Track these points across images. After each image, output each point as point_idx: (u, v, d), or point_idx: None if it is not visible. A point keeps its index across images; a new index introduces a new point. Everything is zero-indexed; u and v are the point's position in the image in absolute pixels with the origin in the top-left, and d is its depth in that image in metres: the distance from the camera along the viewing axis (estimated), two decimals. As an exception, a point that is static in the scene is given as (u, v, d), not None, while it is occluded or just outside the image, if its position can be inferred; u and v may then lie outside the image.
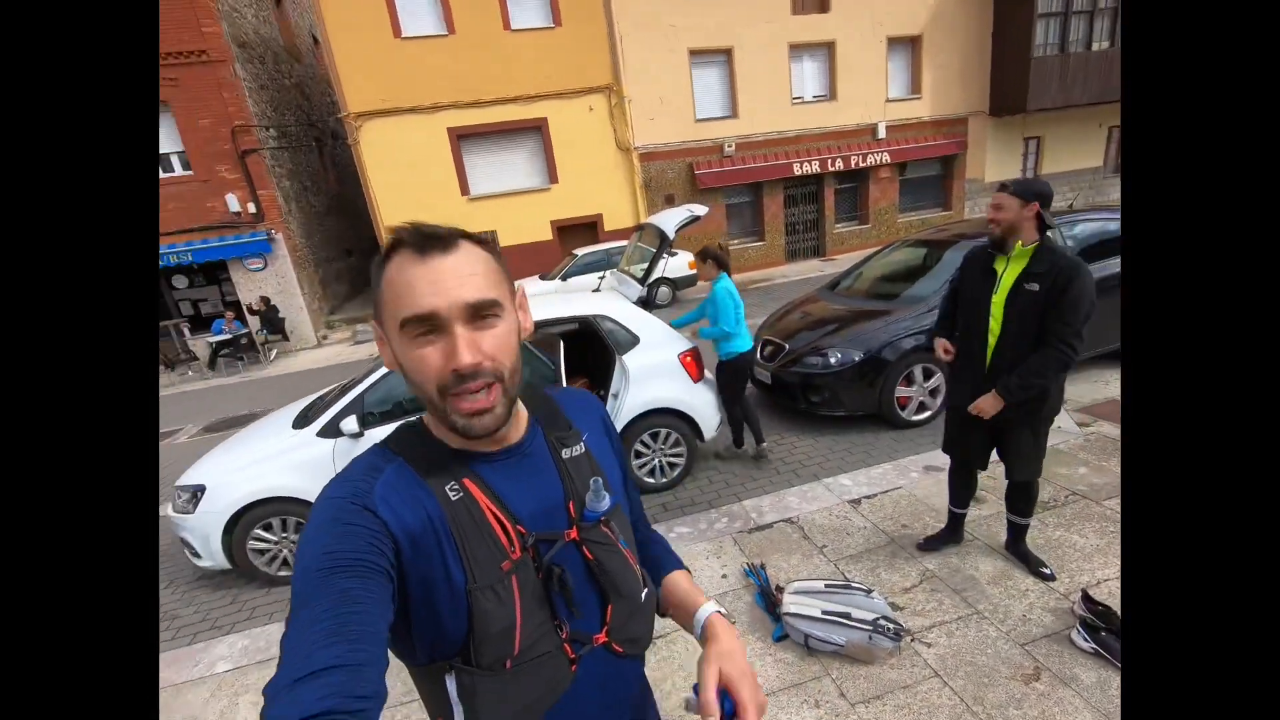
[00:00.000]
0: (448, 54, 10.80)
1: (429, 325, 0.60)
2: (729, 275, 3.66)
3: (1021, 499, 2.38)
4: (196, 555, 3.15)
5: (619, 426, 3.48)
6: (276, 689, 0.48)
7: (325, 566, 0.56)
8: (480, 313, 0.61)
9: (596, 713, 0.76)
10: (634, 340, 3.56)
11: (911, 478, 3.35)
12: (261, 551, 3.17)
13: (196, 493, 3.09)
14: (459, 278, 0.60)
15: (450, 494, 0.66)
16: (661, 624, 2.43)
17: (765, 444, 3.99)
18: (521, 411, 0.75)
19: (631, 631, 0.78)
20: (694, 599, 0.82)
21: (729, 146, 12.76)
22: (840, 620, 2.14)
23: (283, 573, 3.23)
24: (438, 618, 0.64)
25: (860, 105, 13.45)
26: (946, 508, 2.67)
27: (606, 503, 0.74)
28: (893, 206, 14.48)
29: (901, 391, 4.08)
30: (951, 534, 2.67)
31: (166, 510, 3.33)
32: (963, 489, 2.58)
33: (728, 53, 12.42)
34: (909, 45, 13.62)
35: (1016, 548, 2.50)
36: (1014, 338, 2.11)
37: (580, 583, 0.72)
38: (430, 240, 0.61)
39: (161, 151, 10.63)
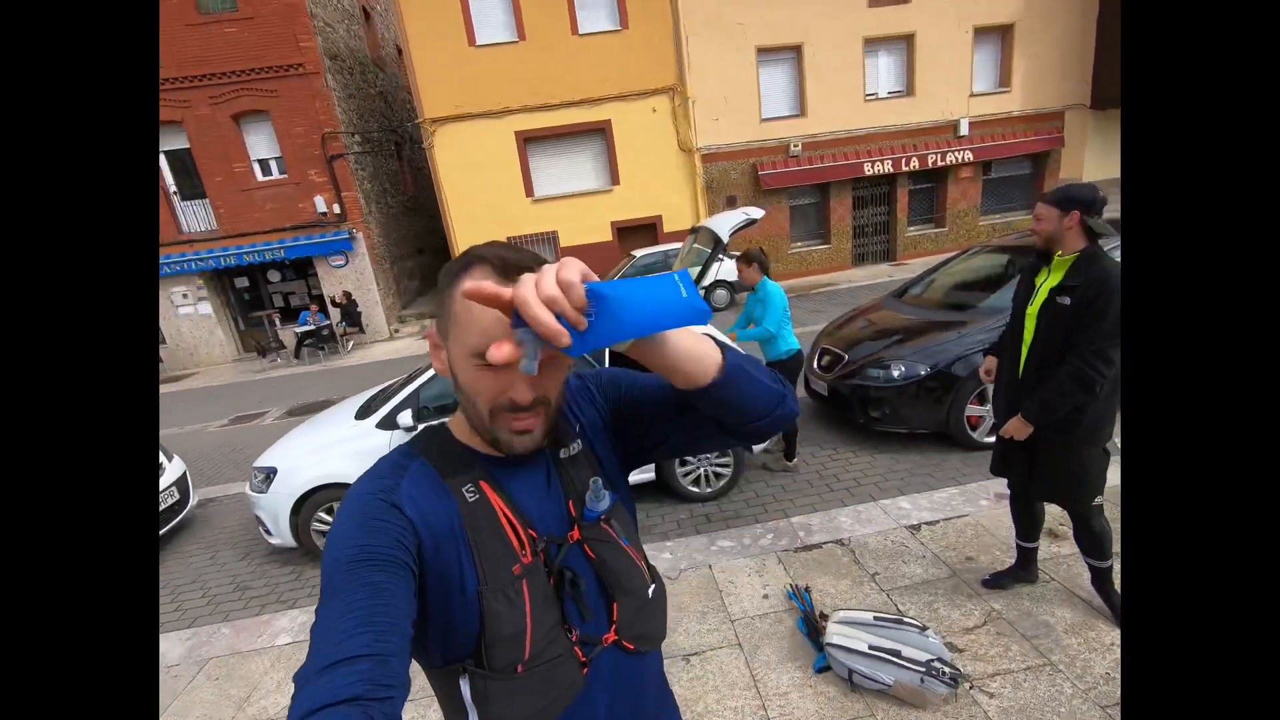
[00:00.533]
0: (517, 60, 11.15)
1: None
2: (770, 278, 3.65)
3: (1083, 535, 2.13)
4: (268, 532, 3.40)
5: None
6: (306, 675, 0.50)
7: (355, 559, 0.57)
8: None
9: (610, 713, 0.76)
10: (683, 345, 3.49)
11: (980, 505, 3.07)
12: (323, 533, 3.37)
13: (270, 474, 3.33)
14: None
15: (467, 495, 0.67)
16: (696, 641, 2.36)
17: (795, 460, 3.91)
18: None
19: (640, 628, 0.77)
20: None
21: (795, 146, 12.37)
22: (889, 658, 1.98)
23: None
24: (451, 618, 0.65)
25: (941, 100, 12.64)
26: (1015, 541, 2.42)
27: (606, 501, 0.74)
28: (974, 208, 13.51)
29: (973, 410, 3.76)
30: (1022, 571, 2.42)
31: (245, 489, 3.61)
32: (1025, 519, 2.34)
33: (797, 49, 12.04)
34: (998, 35, 12.65)
35: (1102, 591, 2.22)
36: (1040, 353, 2.00)
37: (588, 583, 0.73)
38: (513, 270, 0.61)
39: (262, 157, 11.67)
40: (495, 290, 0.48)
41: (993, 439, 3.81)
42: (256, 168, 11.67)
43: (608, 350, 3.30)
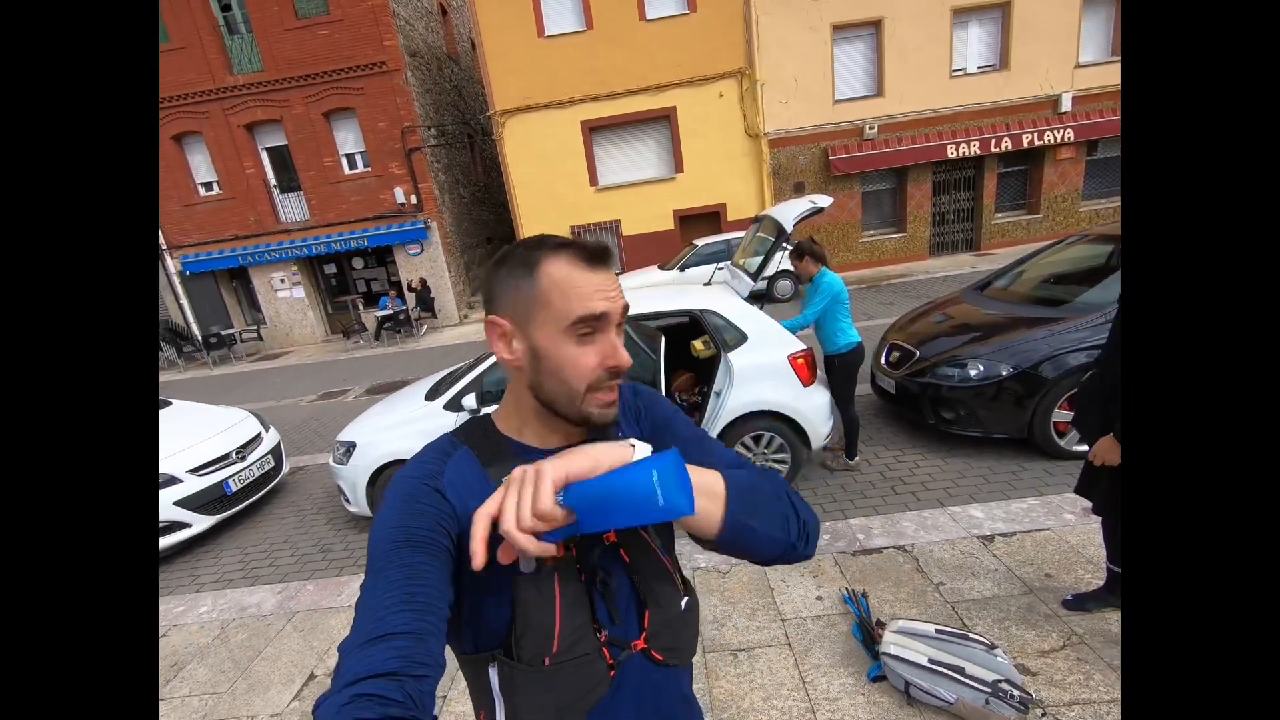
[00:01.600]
0: (585, 49, 11.23)
1: (593, 326, 0.66)
2: (828, 268, 3.54)
3: None
4: (348, 501, 3.69)
5: (718, 427, 3.39)
6: (349, 648, 0.53)
7: (397, 540, 0.61)
8: (622, 321, 0.70)
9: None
10: (742, 338, 3.43)
11: (1065, 519, 2.82)
12: (395, 505, 3.61)
13: (350, 448, 3.60)
14: (618, 289, 0.69)
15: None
16: (745, 637, 2.33)
17: (856, 460, 3.77)
18: None
19: (670, 640, 0.77)
20: None
21: (871, 128, 11.71)
22: (951, 674, 1.87)
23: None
24: (484, 605, 0.67)
25: (1039, 74, 11.51)
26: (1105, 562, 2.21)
27: None
28: (1074, 193, 12.26)
29: (1061, 416, 3.44)
30: (1111, 595, 2.20)
31: (329, 460, 3.93)
32: (1114, 540, 2.12)
33: (876, 24, 11.34)
34: (1112, -3, 11.33)
35: None
36: None
37: (620, 587, 0.73)
38: (600, 254, 0.68)
39: (349, 151, 12.51)
40: (486, 515, 0.53)
41: (1083, 447, 3.49)
42: (344, 161, 12.52)
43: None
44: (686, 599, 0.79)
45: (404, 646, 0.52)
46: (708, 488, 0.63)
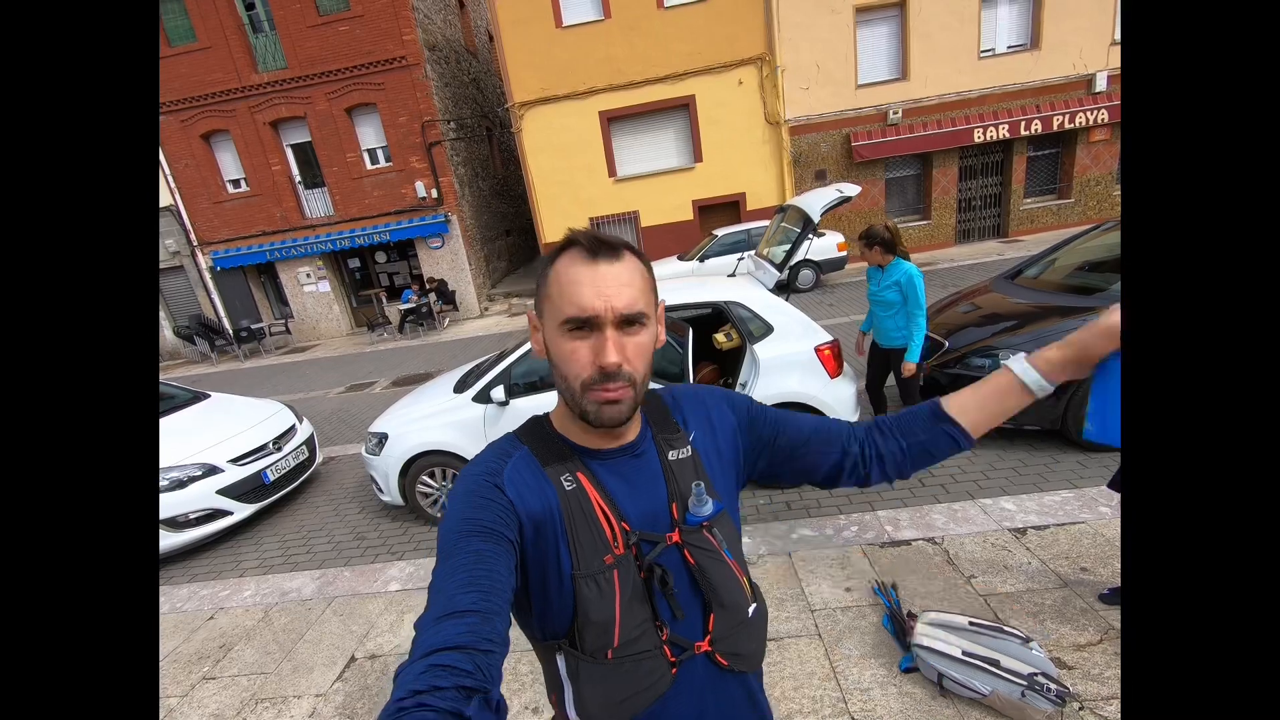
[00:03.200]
0: (602, 39, 11.15)
1: (585, 324, 0.66)
2: (904, 258, 3.27)
3: None
4: (380, 490, 3.79)
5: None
6: (425, 623, 0.57)
7: (464, 530, 0.65)
8: (629, 321, 0.67)
9: None
10: (767, 329, 3.41)
11: (1101, 513, 2.77)
12: (426, 494, 3.70)
13: (382, 439, 3.69)
14: (618, 285, 0.66)
15: (565, 484, 0.72)
16: (774, 628, 2.35)
17: None
18: (637, 415, 0.78)
19: (736, 646, 0.77)
20: (991, 382, 0.80)
21: (894, 113, 11.43)
22: (986, 666, 1.87)
23: (441, 515, 3.75)
24: (548, 598, 0.70)
25: (1073, 52, 11.08)
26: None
27: (709, 508, 0.75)
28: (1108, 176, 11.84)
29: (1097, 406, 3.36)
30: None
31: (361, 450, 4.03)
32: None
33: (900, 6, 11.03)
34: (1152, -31, 10.81)
35: None
36: None
37: (683, 587, 0.74)
38: (602, 246, 0.67)
39: (370, 147, 12.65)
40: None
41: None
42: (366, 156, 12.68)
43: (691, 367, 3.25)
44: (755, 606, 0.79)
45: (472, 624, 0.56)
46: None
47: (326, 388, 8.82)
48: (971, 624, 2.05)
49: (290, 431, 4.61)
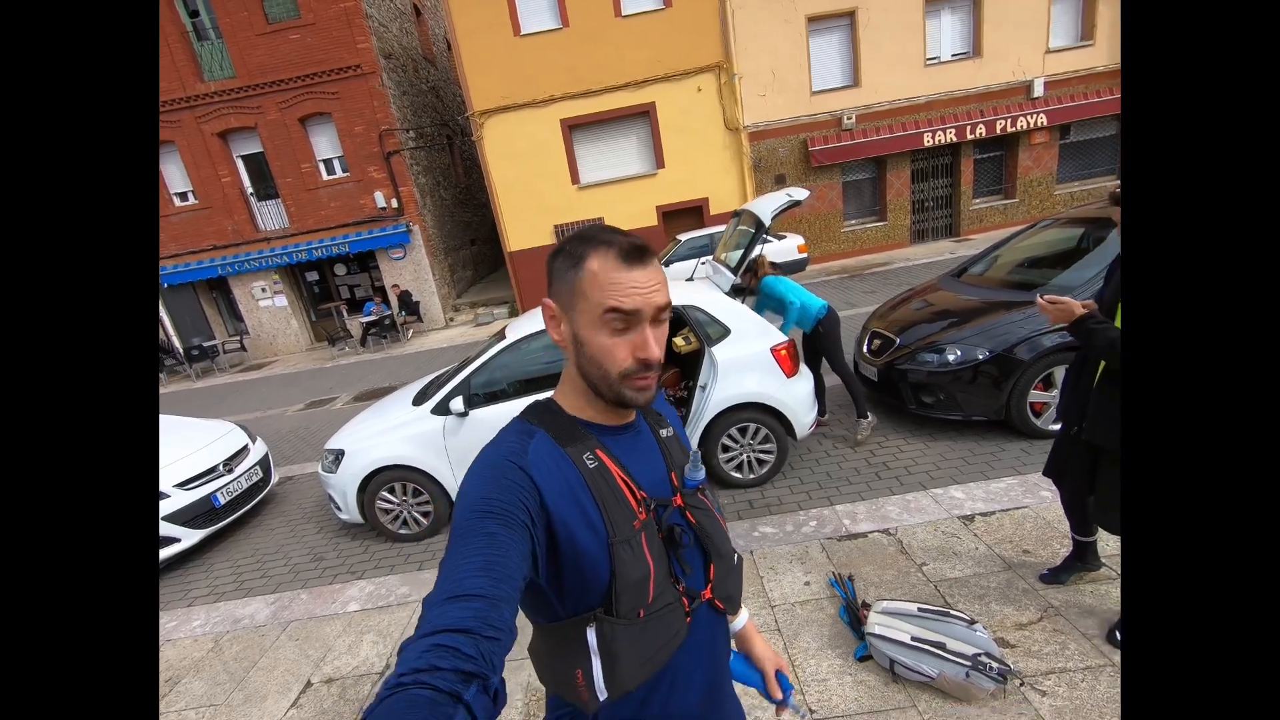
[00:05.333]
0: (561, 47, 11.17)
1: (627, 320, 0.72)
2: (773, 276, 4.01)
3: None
4: (339, 509, 3.69)
5: (704, 420, 3.44)
6: (431, 603, 0.57)
7: (480, 510, 0.66)
8: (660, 315, 0.74)
9: (705, 664, 0.86)
10: (725, 332, 3.47)
11: (1042, 497, 2.91)
12: (386, 510, 3.62)
13: (338, 455, 3.59)
14: (655, 285, 0.73)
15: (587, 462, 0.76)
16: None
17: (828, 416, 4.31)
18: None
19: (728, 589, 0.88)
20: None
21: (849, 119, 11.79)
22: (933, 650, 1.94)
23: (403, 531, 3.67)
24: (584, 572, 0.73)
25: (1011, 60, 11.66)
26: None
27: (702, 473, 0.87)
28: (1048, 176, 12.46)
29: (1037, 396, 3.54)
30: (1079, 561, 2.28)
31: (318, 468, 3.92)
32: (1078, 516, 2.20)
33: (850, 15, 11.41)
34: (1080, -18, 11.49)
35: None
36: None
37: (689, 543, 0.83)
38: (638, 251, 0.73)
39: (326, 157, 12.35)
40: None
41: (1059, 426, 3.59)
42: (321, 167, 12.36)
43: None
44: (736, 553, 0.93)
45: (479, 608, 0.56)
46: None
47: (285, 405, 8.52)
48: (920, 610, 2.12)
49: (243, 452, 4.45)
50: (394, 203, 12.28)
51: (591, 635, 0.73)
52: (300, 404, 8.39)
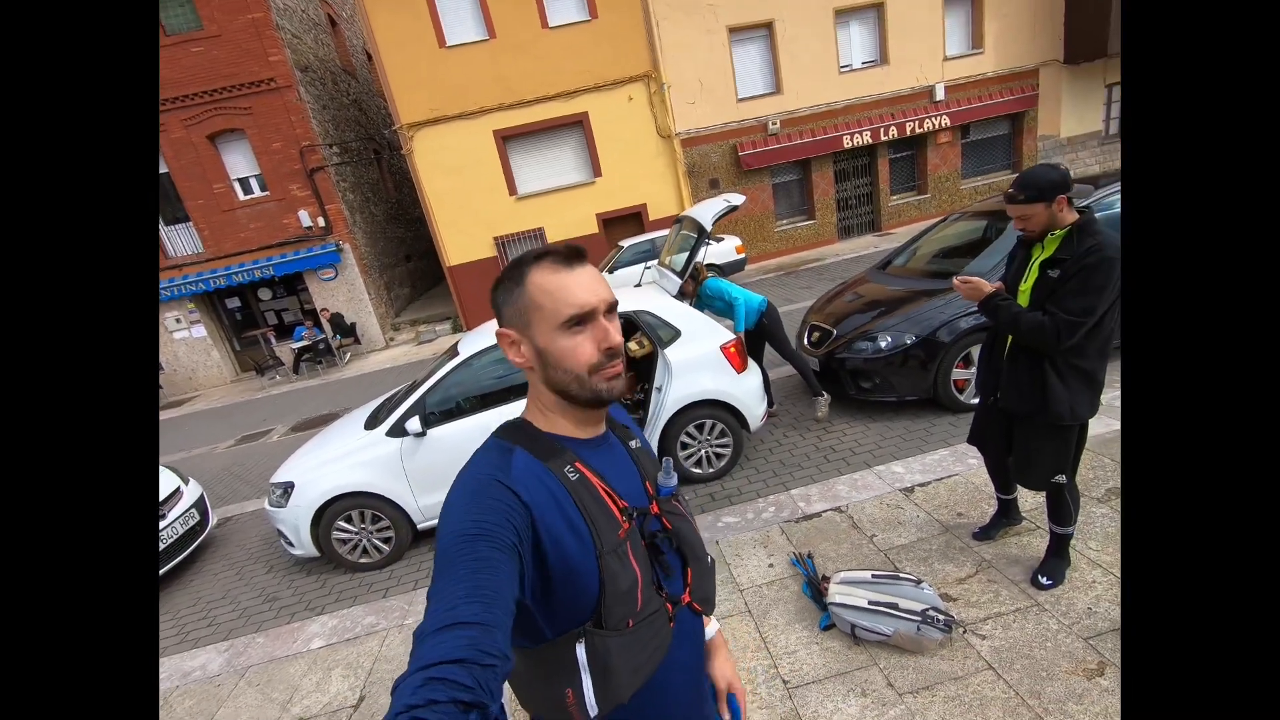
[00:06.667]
0: (489, 58, 11.08)
1: (583, 319, 0.74)
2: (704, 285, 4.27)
3: (1053, 506, 2.20)
4: (290, 545, 3.52)
5: (662, 420, 3.55)
6: (423, 634, 0.56)
7: (467, 533, 0.64)
8: (611, 308, 0.78)
9: (690, 666, 0.88)
10: (675, 334, 3.61)
11: (969, 464, 3.22)
12: (344, 540, 3.49)
13: (287, 489, 3.44)
14: (599, 282, 0.77)
15: (569, 475, 0.76)
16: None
17: (776, 407, 4.56)
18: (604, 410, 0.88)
19: (705, 591, 0.90)
20: None
21: (773, 124, 12.38)
22: (887, 610, 2.13)
23: (364, 560, 3.55)
24: (573, 585, 0.73)
25: (914, 67, 12.64)
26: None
27: (675, 480, 0.90)
28: (954, 173, 13.58)
29: (959, 374, 3.90)
30: (1004, 518, 2.57)
31: (263, 505, 3.72)
32: (1000, 477, 2.48)
33: (768, 26, 12.00)
34: (968, -4, 12.64)
35: (1053, 551, 2.29)
36: None
37: (667, 549, 0.85)
38: (575, 255, 0.76)
39: (242, 175, 11.61)
40: None
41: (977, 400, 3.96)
42: (237, 187, 11.61)
43: None
44: (710, 556, 0.94)
45: (474, 636, 0.55)
46: None
47: (213, 442, 7.94)
48: (874, 576, 2.32)
49: (175, 495, 4.15)
50: (321, 221, 11.71)
51: (581, 652, 0.73)
52: (230, 439, 7.85)
